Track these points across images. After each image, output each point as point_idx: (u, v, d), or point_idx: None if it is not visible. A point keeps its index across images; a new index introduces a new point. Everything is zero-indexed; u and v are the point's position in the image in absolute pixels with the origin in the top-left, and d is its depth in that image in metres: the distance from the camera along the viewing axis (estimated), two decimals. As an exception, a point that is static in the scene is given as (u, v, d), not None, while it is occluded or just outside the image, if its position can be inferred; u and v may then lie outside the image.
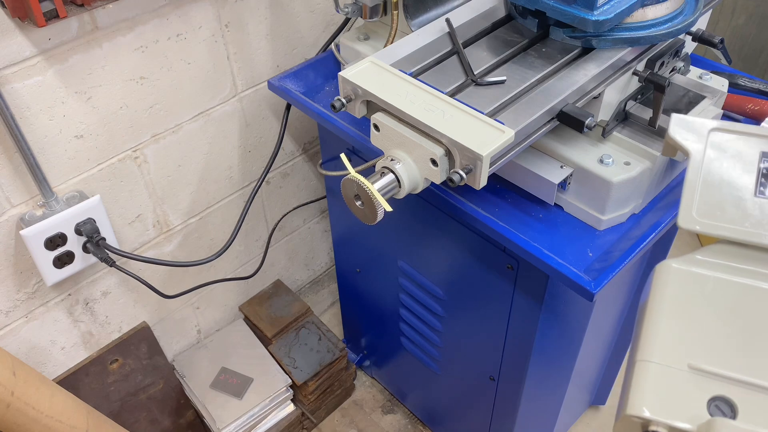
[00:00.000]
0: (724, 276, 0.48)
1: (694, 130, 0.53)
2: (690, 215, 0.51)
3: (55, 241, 1.16)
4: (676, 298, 0.48)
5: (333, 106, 0.91)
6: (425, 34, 1.00)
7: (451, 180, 0.81)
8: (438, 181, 0.84)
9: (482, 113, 0.84)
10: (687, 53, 1.08)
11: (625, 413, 0.45)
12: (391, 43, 1.13)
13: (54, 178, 1.16)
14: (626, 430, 0.47)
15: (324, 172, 1.35)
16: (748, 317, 0.46)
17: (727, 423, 0.42)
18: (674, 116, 0.55)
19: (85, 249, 1.22)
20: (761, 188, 0.49)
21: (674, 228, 1.05)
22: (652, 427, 0.44)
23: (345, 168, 0.88)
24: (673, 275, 0.49)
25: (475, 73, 0.93)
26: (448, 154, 0.82)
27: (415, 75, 0.93)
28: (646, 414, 0.44)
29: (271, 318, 1.71)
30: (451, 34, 1.00)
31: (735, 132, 0.53)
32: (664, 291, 0.49)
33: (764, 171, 0.49)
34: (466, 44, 1.00)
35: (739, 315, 0.46)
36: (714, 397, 0.44)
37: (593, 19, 0.89)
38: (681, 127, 0.54)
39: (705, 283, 0.48)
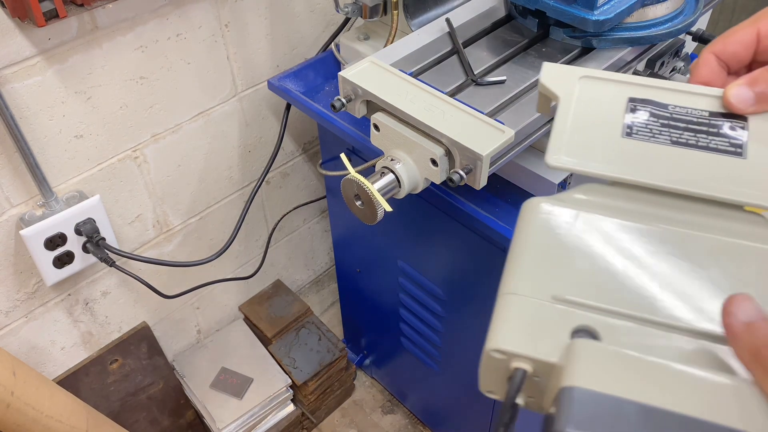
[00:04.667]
0: (592, 213, 0.46)
1: (565, 77, 0.52)
2: (558, 155, 0.49)
3: (54, 241, 1.16)
4: (541, 232, 0.45)
5: (333, 106, 0.91)
6: (425, 34, 1.00)
7: (451, 180, 0.81)
8: (438, 181, 0.84)
9: (482, 113, 0.84)
10: (687, 53, 1.08)
11: (485, 349, 0.40)
12: (391, 43, 1.13)
13: (54, 178, 1.16)
14: (491, 375, 0.41)
15: (324, 172, 1.34)
16: (614, 253, 0.44)
17: (586, 342, 0.39)
18: (545, 64, 0.54)
19: (85, 249, 1.22)
20: (627, 131, 0.49)
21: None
22: (515, 363, 0.39)
23: (345, 168, 0.88)
24: (540, 210, 0.47)
25: (475, 73, 0.93)
26: (448, 154, 0.82)
27: (415, 75, 0.93)
28: (508, 347, 0.39)
29: (271, 318, 1.71)
30: (451, 34, 1.00)
31: (604, 79, 0.52)
32: (529, 225, 0.46)
33: (631, 115, 0.50)
34: (466, 44, 1.00)
35: (606, 251, 0.44)
36: (577, 328, 0.41)
37: (593, 18, 0.89)
38: (551, 75, 0.53)
39: (572, 217, 0.46)
